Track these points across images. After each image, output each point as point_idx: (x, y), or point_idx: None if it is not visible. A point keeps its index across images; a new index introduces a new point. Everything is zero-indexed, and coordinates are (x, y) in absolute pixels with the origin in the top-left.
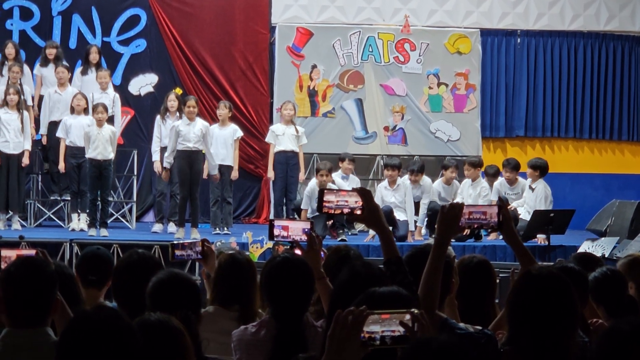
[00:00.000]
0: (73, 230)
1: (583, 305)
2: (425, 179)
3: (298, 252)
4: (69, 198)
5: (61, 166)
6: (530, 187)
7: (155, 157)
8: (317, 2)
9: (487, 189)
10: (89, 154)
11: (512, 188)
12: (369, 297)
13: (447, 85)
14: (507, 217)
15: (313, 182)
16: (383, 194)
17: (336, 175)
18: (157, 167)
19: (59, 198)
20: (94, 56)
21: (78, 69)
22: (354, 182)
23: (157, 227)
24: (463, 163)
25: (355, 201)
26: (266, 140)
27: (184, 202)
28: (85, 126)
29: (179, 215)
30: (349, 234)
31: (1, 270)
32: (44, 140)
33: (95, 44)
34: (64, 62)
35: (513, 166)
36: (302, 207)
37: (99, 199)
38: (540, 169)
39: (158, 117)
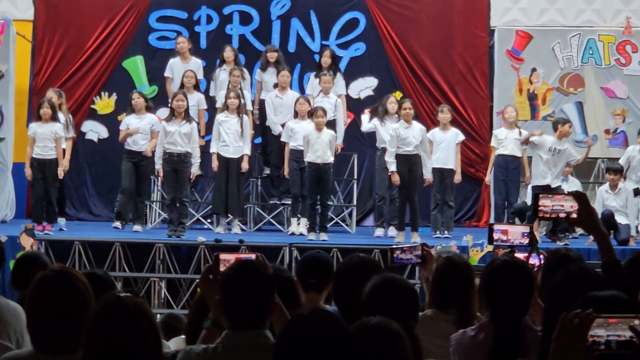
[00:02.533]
0: (292, 234)
1: None
2: None
3: (518, 255)
4: (289, 202)
5: (286, 171)
6: None
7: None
8: (537, 4)
9: None
10: (308, 158)
11: None
12: (589, 301)
13: None
14: None
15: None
16: (604, 197)
17: None
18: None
19: (278, 202)
20: (325, 60)
21: (312, 74)
22: (574, 184)
23: (378, 231)
24: None
25: (570, 205)
26: (491, 145)
27: (403, 206)
28: (307, 130)
29: (398, 219)
30: (570, 237)
31: (221, 274)
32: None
33: (328, 47)
34: (285, 66)
35: None
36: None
37: (319, 203)
38: None
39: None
